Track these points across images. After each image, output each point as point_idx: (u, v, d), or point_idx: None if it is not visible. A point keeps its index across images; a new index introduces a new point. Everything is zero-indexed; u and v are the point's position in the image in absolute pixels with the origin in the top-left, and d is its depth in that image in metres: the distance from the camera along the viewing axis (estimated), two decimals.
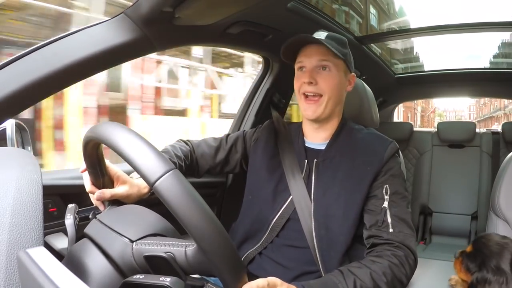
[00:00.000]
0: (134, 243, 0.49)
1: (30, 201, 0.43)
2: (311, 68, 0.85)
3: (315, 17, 1.18)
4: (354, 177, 0.82)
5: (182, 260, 0.47)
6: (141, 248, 0.48)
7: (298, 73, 0.88)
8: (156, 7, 0.78)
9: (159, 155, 0.42)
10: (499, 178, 1.10)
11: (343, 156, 0.85)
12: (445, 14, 16.53)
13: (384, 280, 0.70)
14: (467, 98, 37.84)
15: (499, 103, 25.06)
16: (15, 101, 0.71)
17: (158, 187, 0.40)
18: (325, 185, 0.84)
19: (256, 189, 0.92)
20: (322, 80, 0.84)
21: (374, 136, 0.90)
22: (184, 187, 0.41)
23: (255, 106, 1.42)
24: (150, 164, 0.41)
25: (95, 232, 0.52)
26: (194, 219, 0.40)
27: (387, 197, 0.80)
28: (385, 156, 0.84)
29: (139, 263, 0.48)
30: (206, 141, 1.00)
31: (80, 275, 0.46)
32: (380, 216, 0.79)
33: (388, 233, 0.77)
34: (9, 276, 0.38)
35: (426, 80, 2.29)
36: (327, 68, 0.84)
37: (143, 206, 0.70)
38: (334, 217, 0.81)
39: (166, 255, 0.46)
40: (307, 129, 0.93)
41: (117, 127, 0.46)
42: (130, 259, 0.48)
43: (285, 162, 0.89)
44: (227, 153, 0.99)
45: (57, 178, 0.93)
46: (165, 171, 0.40)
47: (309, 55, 0.85)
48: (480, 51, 2.71)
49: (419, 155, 2.42)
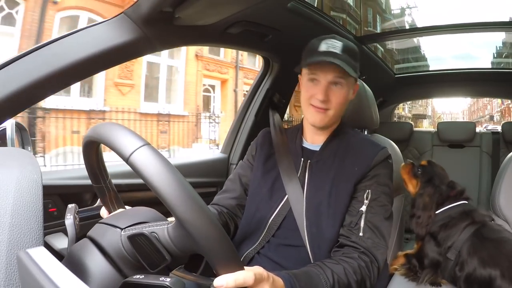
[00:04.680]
0: (123, 230, 0.49)
1: (30, 201, 0.43)
2: (326, 84, 0.84)
3: (315, 17, 1.18)
4: (343, 177, 0.84)
5: (165, 238, 0.47)
6: (128, 233, 0.49)
7: (309, 83, 0.87)
8: (156, 7, 0.78)
9: (133, 134, 0.44)
10: (499, 178, 1.10)
11: (336, 157, 0.87)
12: (445, 14, 16.54)
13: (355, 278, 0.73)
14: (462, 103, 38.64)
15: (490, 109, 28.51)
16: (15, 101, 0.71)
17: (132, 160, 0.41)
18: (317, 184, 0.86)
19: (253, 189, 0.94)
20: (334, 97, 0.85)
21: (367, 142, 0.92)
22: (157, 159, 0.41)
23: (255, 106, 1.42)
24: (124, 141, 0.43)
25: (93, 231, 0.52)
26: (169, 189, 0.40)
27: (366, 202, 0.82)
28: (373, 161, 0.85)
29: (127, 249, 0.48)
30: (226, 189, 1.00)
31: (80, 275, 0.46)
32: (355, 218, 0.81)
33: (357, 236, 0.79)
34: (9, 276, 0.38)
35: (426, 80, 2.29)
36: (339, 85, 0.84)
37: (144, 206, 0.70)
38: (324, 215, 0.82)
39: (149, 234, 0.47)
40: (308, 130, 0.95)
41: (105, 123, 0.48)
42: (118, 246, 0.48)
43: (280, 163, 0.91)
44: (240, 184, 0.99)
45: (57, 178, 0.93)
46: (138, 146, 0.41)
47: (325, 71, 0.83)
48: (480, 51, 2.72)
49: (419, 155, 2.42)
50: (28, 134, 0.83)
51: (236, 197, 0.96)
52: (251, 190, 0.94)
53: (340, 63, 0.80)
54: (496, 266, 0.85)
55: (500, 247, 0.87)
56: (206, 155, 1.49)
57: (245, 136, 1.43)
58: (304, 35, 0.94)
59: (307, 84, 0.87)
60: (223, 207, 0.94)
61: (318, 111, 0.86)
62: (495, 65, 3.14)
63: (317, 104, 0.85)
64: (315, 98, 0.85)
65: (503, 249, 0.87)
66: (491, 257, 0.86)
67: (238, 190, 0.97)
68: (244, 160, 1.03)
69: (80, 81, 0.82)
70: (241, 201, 0.96)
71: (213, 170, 1.39)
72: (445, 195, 1.00)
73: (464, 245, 0.91)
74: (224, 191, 0.99)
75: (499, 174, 1.13)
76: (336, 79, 0.84)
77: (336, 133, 0.92)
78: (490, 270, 0.85)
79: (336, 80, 0.84)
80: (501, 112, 24.48)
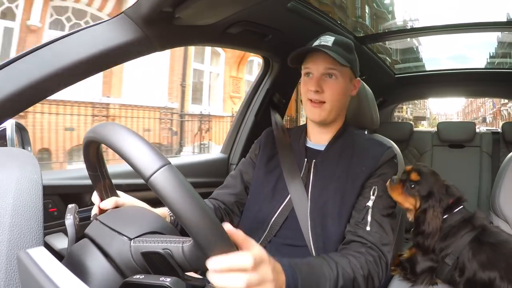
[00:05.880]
0: (132, 241, 0.48)
1: (30, 201, 0.43)
2: (318, 76, 0.86)
3: (315, 17, 1.18)
4: (349, 177, 0.84)
5: (179, 256, 0.46)
6: (139, 245, 0.48)
7: (305, 78, 0.89)
8: (156, 7, 0.78)
9: (154, 150, 0.42)
10: (499, 178, 1.10)
11: (341, 157, 0.87)
12: (444, 14, 16.54)
13: (361, 273, 0.70)
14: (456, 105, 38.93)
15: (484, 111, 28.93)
16: (15, 101, 0.71)
17: (153, 181, 0.39)
18: (322, 184, 0.85)
19: (256, 188, 0.93)
20: (328, 88, 0.85)
21: (373, 142, 0.92)
22: (178, 180, 0.40)
23: (255, 106, 1.42)
24: (145, 160, 0.40)
25: (95, 232, 0.52)
26: (189, 213, 0.40)
27: (373, 198, 0.81)
28: (380, 160, 0.85)
29: (137, 261, 0.47)
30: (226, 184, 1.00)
31: (80, 275, 0.45)
32: (362, 213, 0.80)
33: (364, 230, 0.78)
34: (9, 276, 0.38)
35: (426, 80, 2.29)
36: (333, 76, 0.86)
37: (146, 205, 0.70)
38: (329, 216, 0.82)
39: (163, 252, 0.46)
40: (311, 130, 0.95)
41: (115, 127, 0.45)
42: (128, 257, 0.48)
43: (283, 162, 0.91)
44: (241, 180, 0.99)
45: (57, 178, 0.93)
46: (160, 166, 0.40)
47: (317, 62, 0.86)
48: (480, 51, 2.71)
49: (419, 155, 2.42)
50: (28, 134, 0.83)
51: (235, 193, 0.96)
52: (253, 190, 0.94)
53: (328, 51, 0.81)
54: (495, 268, 0.85)
55: (498, 249, 0.87)
56: (206, 155, 1.49)
57: (245, 136, 1.43)
58: (304, 35, 0.94)
59: (304, 79, 0.90)
60: (221, 202, 0.94)
61: (314, 105, 0.87)
62: (494, 65, 3.14)
63: (312, 96, 0.86)
64: (310, 90, 0.86)
65: (501, 251, 0.87)
66: (489, 260, 0.86)
67: (239, 186, 0.97)
68: (246, 158, 1.03)
69: (80, 81, 0.82)
70: (240, 198, 0.96)
71: (213, 170, 1.39)
72: (445, 204, 0.95)
73: (464, 250, 0.90)
74: (224, 187, 0.99)
75: (499, 174, 1.12)
76: (328, 70, 0.85)
77: (341, 133, 0.92)
78: (489, 272, 0.85)
79: (328, 71, 0.85)
80: (494, 115, 24.79)
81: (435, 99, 5.04)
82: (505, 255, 0.86)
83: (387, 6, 5.16)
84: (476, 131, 2.35)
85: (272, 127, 1.05)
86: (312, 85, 0.85)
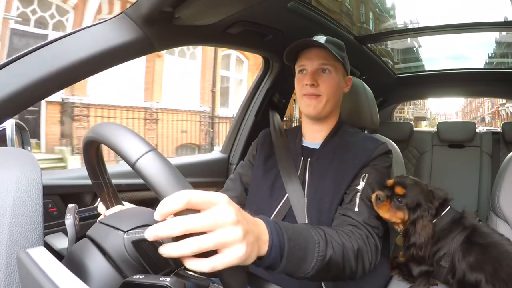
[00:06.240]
0: (126, 233, 0.49)
1: (30, 201, 0.43)
2: (313, 71, 0.88)
3: (315, 17, 1.18)
4: (342, 171, 0.85)
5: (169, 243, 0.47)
6: (131, 236, 0.48)
7: (299, 75, 0.92)
8: (156, 7, 0.78)
9: (139, 138, 0.43)
10: (499, 178, 1.10)
11: (335, 154, 0.88)
12: (443, 14, 16.51)
13: (351, 246, 0.67)
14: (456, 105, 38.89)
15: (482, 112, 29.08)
16: (15, 101, 0.71)
17: (138, 166, 0.40)
18: (317, 182, 0.86)
19: (254, 188, 0.95)
20: (322, 82, 0.88)
21: (367, 138, 0.93)
22: (163, 164, 0.41)
23: (255, 106, 1.42)
24: (131, 146, 0.42)
25: (94, 232, 0.52)
26: (172, 192, 0.40)
27: (363, 183, 0.82)
28: (373, 154, 0.86)
29: (130, 252, 0.48)
30: (226, 188, 1.02)
31: (80, 275, 0.45)
32: (350, 196, 0.81)
33: (353, 211, 0.78)
34: (9, 276, 0.38)
35: (426, 80, 2.29)
36: (327, 71, 0.88)
37: (144, 206, 0.70)
38: (324, 211, 0.83)
39: None
40: (306, 129, 0.96)
41: (106, 123, 0.47)
42: (122, 250, 0.48)
43: (280, 162, 0.92)
44: (240, 183, 1.00)
45: (57, 178, 0.93)
46: (145, 151, 0.41)
47: (311, 58, 0.88)
48: (479, 51, 2.71)
49: (419, 155, 2.42)
50: (28, 134, 0.83)
51: (236, 196, 0.97)
52: (251, 190, 0.95)
53: (321, 44, 0.84)
54: (482, 271, 0.84)
55: (487, 251, 0.87)
56: (206, 155, 1.49)
57: (245, 136, 1.43)
58: (304, 35, 0.94)
59: (298, 76, 0.92)
60: None
61: (310, 97, 0.88)
62: (493, 66, 3.14)
63: (307, 90, 0.88)
64: (305, 85, 0.88)
65: (490, 253, 0.86)
66: (477, 262, 0.86)
67: (239, 189, 0.98)
68: (245, 160, 1.03)
69: (79, 81, 0.82)
70: (241, 201, 0.96)
71: (213, 170, 1.39)
72: (434, 211, 0.93)
73: (456, 252, 0.90)
74: (225, 190, 1.00)
75: (499, 174, 1.12)
76: (322, 65, 0.87)
77: (335, 131, 0.93)
78: (476, 274, 0.85)
79: (322, 66, 0.87)
80: (492, 115, 24.88)
81: (435, 99, 5.03)
82: (492, 258, 0.85)
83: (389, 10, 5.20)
84: (476, 131, 2.35)
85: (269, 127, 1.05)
86: (308, 79, 0.87)
